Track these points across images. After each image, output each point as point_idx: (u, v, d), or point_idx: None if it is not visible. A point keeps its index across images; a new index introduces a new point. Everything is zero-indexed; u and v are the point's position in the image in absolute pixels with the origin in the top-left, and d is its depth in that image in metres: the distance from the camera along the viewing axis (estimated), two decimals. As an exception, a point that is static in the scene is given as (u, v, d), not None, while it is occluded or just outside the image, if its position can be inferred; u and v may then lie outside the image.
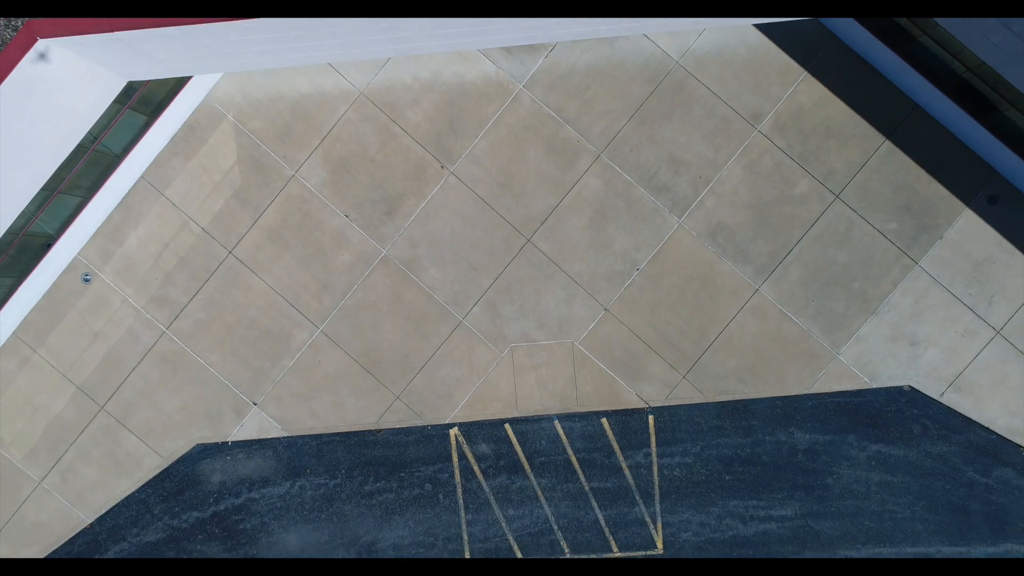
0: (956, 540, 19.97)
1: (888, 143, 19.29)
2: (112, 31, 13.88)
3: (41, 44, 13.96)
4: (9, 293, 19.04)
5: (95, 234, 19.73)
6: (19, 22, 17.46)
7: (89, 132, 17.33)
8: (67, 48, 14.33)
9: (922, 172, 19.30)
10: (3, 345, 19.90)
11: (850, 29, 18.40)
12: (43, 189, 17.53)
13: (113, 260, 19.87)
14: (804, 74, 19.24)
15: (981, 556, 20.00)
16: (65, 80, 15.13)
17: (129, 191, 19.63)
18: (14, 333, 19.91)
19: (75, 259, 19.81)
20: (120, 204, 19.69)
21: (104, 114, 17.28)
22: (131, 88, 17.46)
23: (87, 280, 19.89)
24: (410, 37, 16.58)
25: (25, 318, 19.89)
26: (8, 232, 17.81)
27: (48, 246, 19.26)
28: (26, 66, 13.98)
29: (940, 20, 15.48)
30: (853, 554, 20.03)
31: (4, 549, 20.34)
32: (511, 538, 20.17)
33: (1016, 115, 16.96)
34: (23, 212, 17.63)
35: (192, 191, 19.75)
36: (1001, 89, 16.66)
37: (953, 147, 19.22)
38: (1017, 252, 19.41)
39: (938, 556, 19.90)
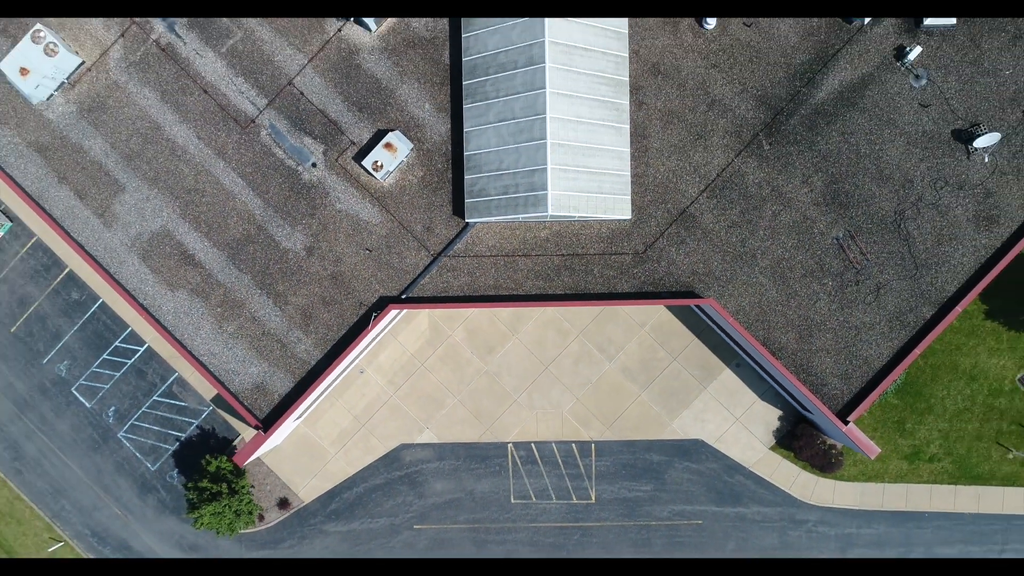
0: (719, 504, 47.43)
1: (696, 340, 46.92)
2: (431, 308, 41.56)
3: (394, 315, 41.65)
4: (330, 384, 46.59)
5: (365, 355, 47.37)
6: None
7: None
8: (399, 310, 41.94)
9: (709, 352, 46.90)
10: (321, 401, 47.53)
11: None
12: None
13: (372, 365, 47.57)
14: (663, 308, 46.82)
15: (729, 513, 47.44)
16: (385, 324, 42.75)
17: (381, 336, 47.29)
18: (327, 397, 47.56)
19: (356, 362, 47.43)
20: (378, 342, 47.37)
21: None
22: (382, 303, 44.89)
23: (362, 372, 47.60)
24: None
25: (331, 390, 47.52)
26: (324, 357, 45.28)
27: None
28: (377, 323, 41.61)
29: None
30: (676, 507, 47.42)
31: (317, 483, 48.00)
32: (531, 491, 47.79)
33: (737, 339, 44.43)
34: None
35: (408, 338, 47.43)
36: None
37: (715, 338, 46.75)
38: (749, 390, 46.97)
39: (707, 512, 47.35)
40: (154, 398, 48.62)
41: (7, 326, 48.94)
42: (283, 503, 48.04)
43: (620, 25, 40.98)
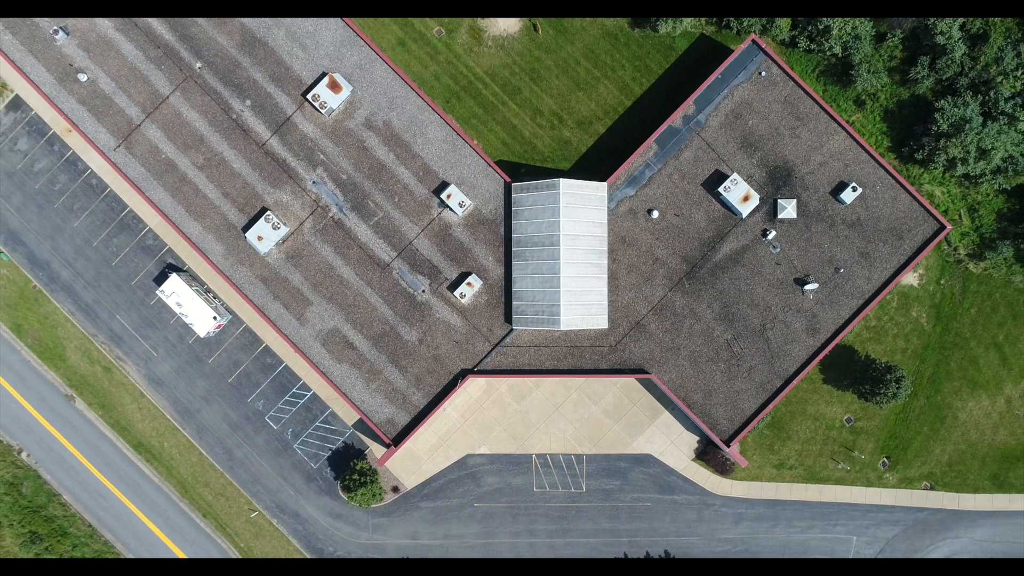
0: (661, 493, 77.99)
1: (647, 394, 77.52)
2: (505, 376, 72.02)
3: (468, 381, 72.02)
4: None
5: (448, 405, 77.92)
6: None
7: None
8: (472, 378, 72.17)
9: (655, 400, 77.49)
10: (422, 432, 77.94)
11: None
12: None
13: (451, 405, 78.09)
14: (632, 379, 77.43)
15: (667, 499, 77.98)
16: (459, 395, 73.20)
17: (456, 398, 77.79)
18: (426, 430, 77.99)
19: (442, 408, 77.92)
20: (450, 402, 77.91)
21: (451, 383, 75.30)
22: (463, 373, 75.17)
23: (444, 410, 78.15)
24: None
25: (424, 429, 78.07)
26: (428, 404, 75.65)
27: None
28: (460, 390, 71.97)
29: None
30: (634, 495, 77.95)
31: (416, 477, 78.50)
32: (546, 484, 78.38)
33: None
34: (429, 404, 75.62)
35: (473, 390, 77.99)
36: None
37: (658, 392, 77.42)
38: (679, 423, 77.57)
39: (654, 498, 77.94)
40: (316, 423, 79.16)
41: (226, 378, 79.54)
42: (395, 489, 78.54)
43: (602, 219, 71.68)
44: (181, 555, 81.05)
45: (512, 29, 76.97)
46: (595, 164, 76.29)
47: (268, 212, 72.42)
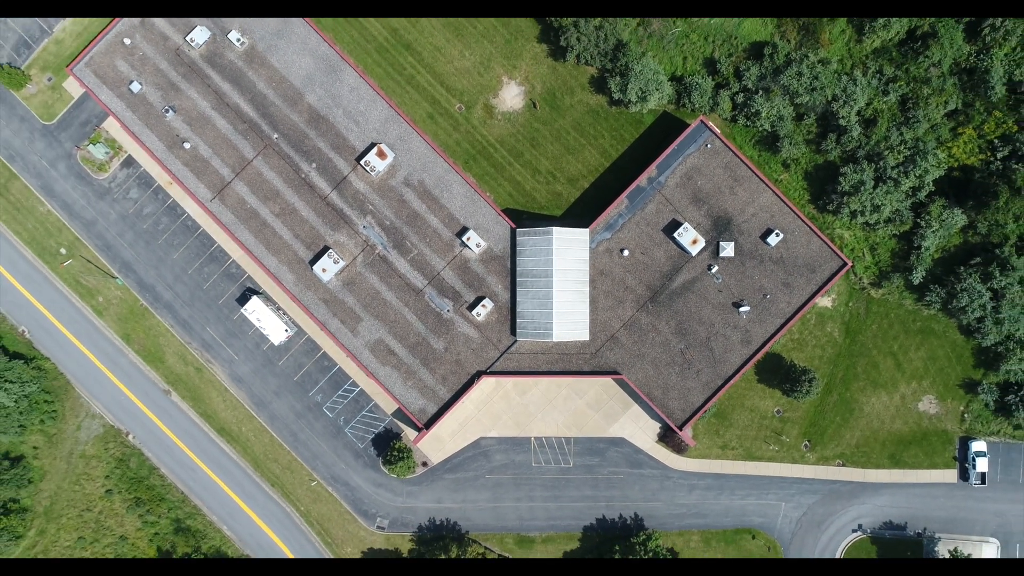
0: (630, 467, 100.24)
1: (621, 391, 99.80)
2: (510, 376, 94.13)
3: (482, 380, 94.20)
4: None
5: (467, 399, 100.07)
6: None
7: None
8: (487, 378, 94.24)
9: (627, 395, 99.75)
10: (446, 419, 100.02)
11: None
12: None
13: (469, 400, 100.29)
14: (608, 379, 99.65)
15: (635, 472, 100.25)
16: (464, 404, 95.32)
17: (472, 393, 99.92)
18: (449, 418, 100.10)
19: (462, 401, 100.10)
20: (467, 396, 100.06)
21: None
22: (478, 374, 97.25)
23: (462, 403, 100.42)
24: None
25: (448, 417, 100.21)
26: (452, 397, 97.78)
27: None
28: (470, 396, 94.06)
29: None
30: (610, 469, 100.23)
31: (440, 455, 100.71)
32: (542, 460, 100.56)
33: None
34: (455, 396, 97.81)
35: (485, 387, 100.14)
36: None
37: (628, 389, 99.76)
38: (645, 413, 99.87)
39: (625, 471, 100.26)
40: (363, 413, 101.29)
41: (292, 377, 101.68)
42: (424, 464, 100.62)
43: (585, 257, 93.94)
44: (254, 516, 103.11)
45: (517, 106, 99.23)
46: (581, 211, 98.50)
47: (330, 250, 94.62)
